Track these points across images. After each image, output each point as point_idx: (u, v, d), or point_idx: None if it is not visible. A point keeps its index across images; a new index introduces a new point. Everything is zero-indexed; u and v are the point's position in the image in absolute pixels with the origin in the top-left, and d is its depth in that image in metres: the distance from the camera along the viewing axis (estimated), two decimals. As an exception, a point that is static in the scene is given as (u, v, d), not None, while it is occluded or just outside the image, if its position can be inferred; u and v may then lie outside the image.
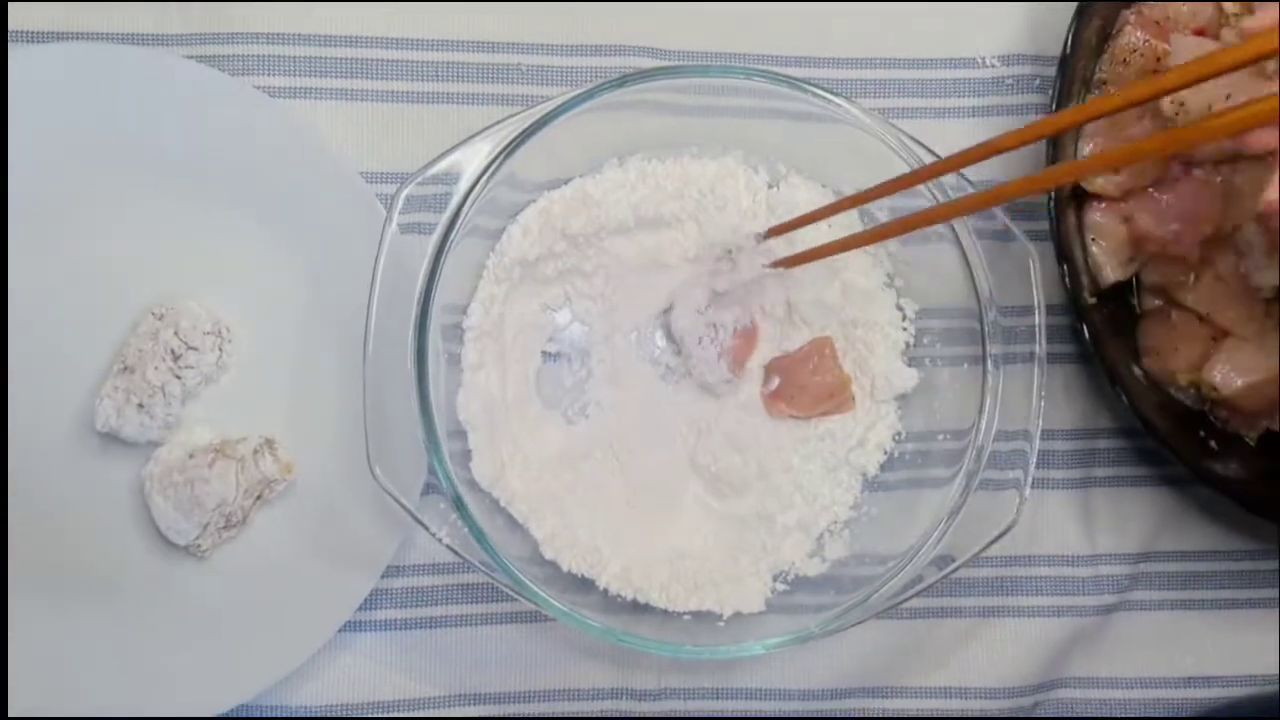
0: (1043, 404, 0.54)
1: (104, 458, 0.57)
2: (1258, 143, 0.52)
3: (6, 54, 0.55)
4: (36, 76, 0.56)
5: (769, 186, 0.59)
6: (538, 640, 0.59)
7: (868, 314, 0.59)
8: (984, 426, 0.54)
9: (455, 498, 0.51)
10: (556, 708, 0.59)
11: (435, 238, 0.52)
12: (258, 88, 0.58)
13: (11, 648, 0.53)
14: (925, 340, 0.60)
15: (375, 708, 0.58)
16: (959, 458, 0.55)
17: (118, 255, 0.58)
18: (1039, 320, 0.54)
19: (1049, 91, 0.58)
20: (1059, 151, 0.57)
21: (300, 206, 0.57)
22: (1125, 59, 0.57)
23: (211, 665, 0.55)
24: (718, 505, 0.59)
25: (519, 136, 0.52)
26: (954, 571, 0.53)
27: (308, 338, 0.58)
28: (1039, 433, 0.54)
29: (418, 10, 0.61)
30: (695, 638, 0.55)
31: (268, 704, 0.57)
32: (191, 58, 0.58)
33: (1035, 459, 0.53)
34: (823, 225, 0.58)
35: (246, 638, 0.56)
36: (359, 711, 0.58)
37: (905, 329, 0.60)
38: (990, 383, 0.54)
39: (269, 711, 0.57)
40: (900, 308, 0.60)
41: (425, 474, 0.54)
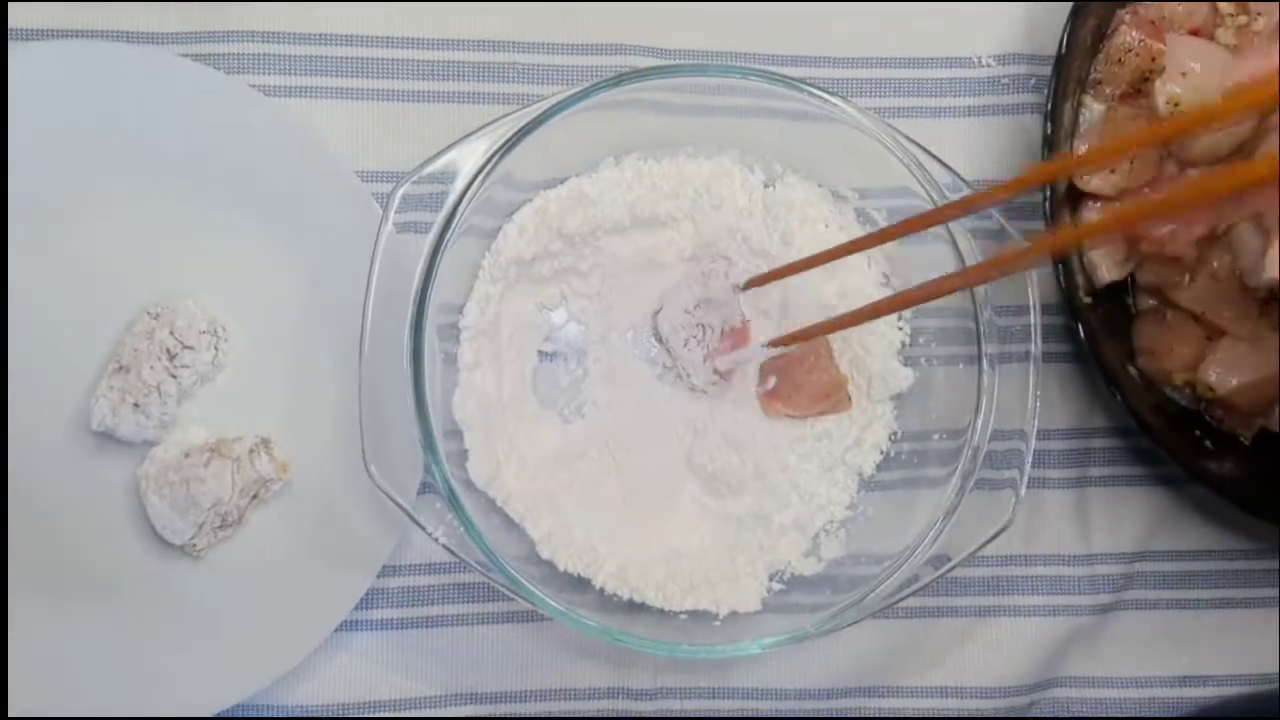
0: (1038, 404, 0.54)
1: (99, 457, 0.57)
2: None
3: (6, 54, 0.55)
4: (35, 74, 0.56)
5: (765, 186, 0.59)
6: (534, 640, 0.59)
7: (864, 313, 0.59)
8: (979, 426, 0.54)
9: (451, 497, 0.51)
10: (553, 707, 0.59)
11: (431, 237, 0.52)
12: (255, 86, 0.58)
13: (10, 647, 0.53)
14: (921, 340, 0.60)
15: (372, 707, 0.58)
16: (955, 457, 0.55)
17: (114, 254, 0.58)
18: (1034, 320, 0.54)
19: (1044, 91, 0.58)
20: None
21: (297, 205, 0.57)
22: (1120, 59, 0.57)
23: (208, 665, 0.55)
24: (714, 505, 0.59)
25: (515, 135, 0.52)
26: (950, 571, 0.53)
27: (304, 337, 0.58)
28: (1035, 432, 0.54)
29: (417, 10, 0.61)
30: (691, 637, 0.55)
31: (264, 703, 0.57)
32: (189, 56, 0.58)
33: (1031, 458, 0.53)
34: (821, 226, 0.58)
35: (243, 637, 0.56)
36: (355, 711, 0.58)
37: (901, 328, 0.60)
38: (986, 382, 0.54)
39: (266, 711, 0.57)
40: (897, 307, 0.60)
41: (421, 473, 0.54)
